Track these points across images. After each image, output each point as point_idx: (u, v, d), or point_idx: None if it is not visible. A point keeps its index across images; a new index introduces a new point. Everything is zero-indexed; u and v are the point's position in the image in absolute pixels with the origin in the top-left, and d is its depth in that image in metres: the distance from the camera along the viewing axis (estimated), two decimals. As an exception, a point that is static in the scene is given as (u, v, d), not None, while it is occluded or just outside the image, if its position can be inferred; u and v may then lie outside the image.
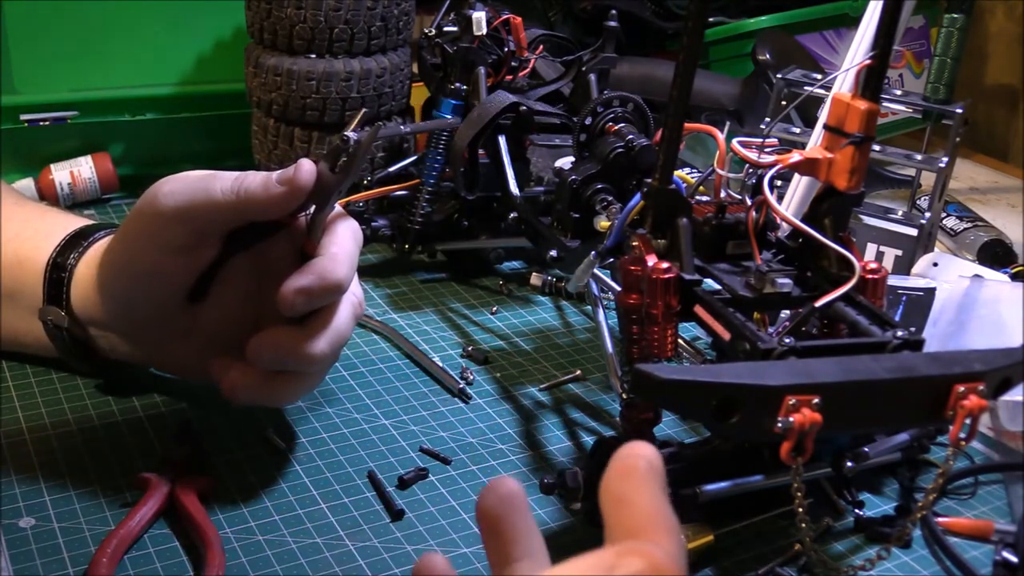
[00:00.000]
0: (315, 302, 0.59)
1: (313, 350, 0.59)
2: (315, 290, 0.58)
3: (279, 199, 0.59)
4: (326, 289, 0.58)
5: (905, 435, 0.66)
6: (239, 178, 0.59)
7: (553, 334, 0.85)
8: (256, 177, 0.59)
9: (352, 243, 0.62)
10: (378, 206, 0.91)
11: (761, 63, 1.06)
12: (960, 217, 1.08)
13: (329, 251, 0.60)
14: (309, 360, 0.59)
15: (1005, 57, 1.44)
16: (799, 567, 0.60)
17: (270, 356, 0.59)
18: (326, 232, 0.61)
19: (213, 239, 0.61)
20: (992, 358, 0.52)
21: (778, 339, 0.54)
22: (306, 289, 0.58)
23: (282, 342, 0.59)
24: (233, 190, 0.59)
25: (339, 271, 0.59)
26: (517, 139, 0.86)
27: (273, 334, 0.59)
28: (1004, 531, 0.62)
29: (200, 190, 0.59)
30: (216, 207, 0.59)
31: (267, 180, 0.59)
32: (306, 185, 0.59)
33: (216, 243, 0.62)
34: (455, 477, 0.66)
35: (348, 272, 0.60)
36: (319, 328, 0.59)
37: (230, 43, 1.12)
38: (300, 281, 0.58)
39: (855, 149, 0.59)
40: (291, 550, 0.58)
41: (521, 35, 0.90)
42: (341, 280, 0.59)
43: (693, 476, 0.59)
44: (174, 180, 0.60)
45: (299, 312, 0.59)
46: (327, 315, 0.60)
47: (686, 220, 0.59)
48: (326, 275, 0.58)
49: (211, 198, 0.59)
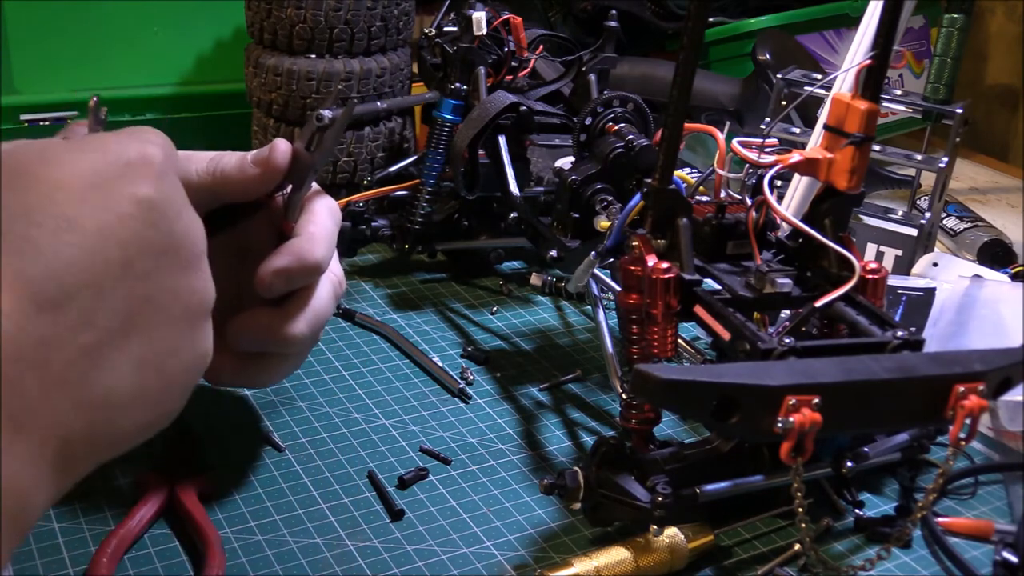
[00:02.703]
0: (293, 283, 0.58)
1: (292, 331, 0.58)
2: (293, 271, 0.57)
3: (255, 180, 0.58)
4: (305, 269, 0.58)
5: (905, 435, 0.66)
6: (214, 159, 0.58)
7: (553, 334, 0.85)
8: (231, 158, 0.58)
9: (330, 221, 0.61)
10: (378, 206, 0.91)
11: (761, 63, 1.06)
12: (960, 217, 1.08)
13: (307, 231, 0.59)
14: (288, 341, 0.58)
15: (1005, 57, 1.44)
16: (799, 567, 0.60)
17: (249, 338, 0.58)
18: (303, 211, 0.60)
19: None
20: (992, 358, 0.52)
21: (778, 339, 0.54)
22: (284, 270, 0.57)
23: (261, 324, 0.58)
24: (208, 171, 0.58)
25: (317, 251, 0.58)
26: (517, 139, 0.86)
27: (252, 316, 0.58)
28: (1004, 531, 0.62)
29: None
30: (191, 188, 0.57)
31: (242, 161, 0.58)
32: (281, 165, 0.58)
33: None
34: (455, 477, 0.66)
35: (326, 252, 0.59)
36: (298, 309, 0.59)
37: (230, 43, 1.12)
38: (277, 262, 0.57)
39: (855, 149, 0.59)
40: (291, 550, 0.58)
41: (521, 35, 0.90)
42: (319, 260, 0.58)
43: (693, 476, 0.59)
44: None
45: (277, 293, 0.58)
46: (306, 296, 0.59)
47: (686, 220, 0.59)
48: (304, 255, 0.57)
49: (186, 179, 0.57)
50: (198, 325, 0.42)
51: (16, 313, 0.34)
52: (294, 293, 0.59)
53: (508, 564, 0.58)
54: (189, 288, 0.41)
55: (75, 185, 0.37)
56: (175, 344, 0.41)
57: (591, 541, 0.60)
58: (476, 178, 0.86)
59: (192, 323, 0.42)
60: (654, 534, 0.57)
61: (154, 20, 1.09)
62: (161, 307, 0.40)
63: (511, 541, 0.60)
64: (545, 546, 0.60)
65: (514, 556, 0.59)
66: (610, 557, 0.56)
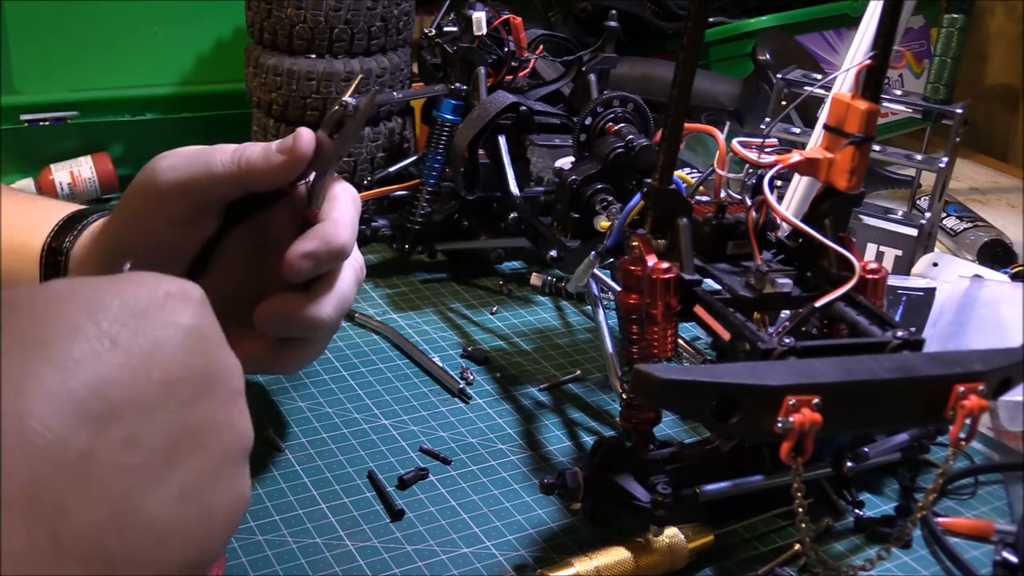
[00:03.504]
0: (321, 267, 0.59)
1: (320, 313, 0.59)
2: (321, 254, 0.58)
3: (280, 168, 0.59)
4: (332, 253, 0.59)
5: (905, 435, 0.66)
6: (238, 150, 0.59)
7: (553, 334, 0.85)
8: (255, 148, 0.59)
9: (352, 208, 0.62)
10: (378, 206, 0.91)
11: (761, 63, 1.06)
12: (960, 217, 1.08)
13: (331, 216, 0.60)
14: (317, 324, 0.59)
15: (1005, 57, 1.44)
16: (799, 567, 0.60)
17: (278, 322, 0.59)
18: (326, 199, 0.62)
19: (214, 211, 0.61)
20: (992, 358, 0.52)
21: (778, 339, 0.54)
22: (312, 253, 0.58)
23: (289, 308, 0.59)
24: (233, 161, 0.59)
25: (342, 235, 0.59)
26: (517, 139, 0.86)
27: (279, 300, 0.60)
28: (1004, 531, 0.62)
29: (200, 163, 0.59)
30: (217, 179, 0.59)
31: (267, 150, 0.59)
32: (306, 153, 0.59)
33: (217, 215, 0.62)
34: (455, 477, 0.66)
35: (351, 236, 0.60)
36: (323, 292, 0.60)
37: (230, 43, 1.12)
38: (306, 246, 0.58)
39: (855, 149, 0.59)
40: (291, 550, 0.58)
41: (521, 35, 0.90)
42: (345, 243, 0.59)
43: (693, 476, 0.59)
44: (173, 155, 0.60)
45: (306, 277, 0.59)
46: (331, 279, 0.61)
47: (686, 220, 0.59)
48: (330, 239, 0.59)
49: (211, 171, 0.59)
50: (238, 464, 0.41)
51: (57, 424, 0.33)
52: (320, 278, 0.60)
53: (508, 564, 0.58)
54: (229, 423, 0.40)
55: (118, 310, 0.37)
56: (216, 479, 0.40)
57: (591, 541, 0.60)
58: (476, 178, 0.86)
59: (232, 460, 0.41)
60: (654, 534, 0.57)
61: (154, 20, 1.09)
62: (202, 438, 0.39)
63: (511, 541, 0.60)
64: (545, 546, 0.60)
65: (514, 556, 0.59)
66: (610, 557, 0.56)
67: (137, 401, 0.36)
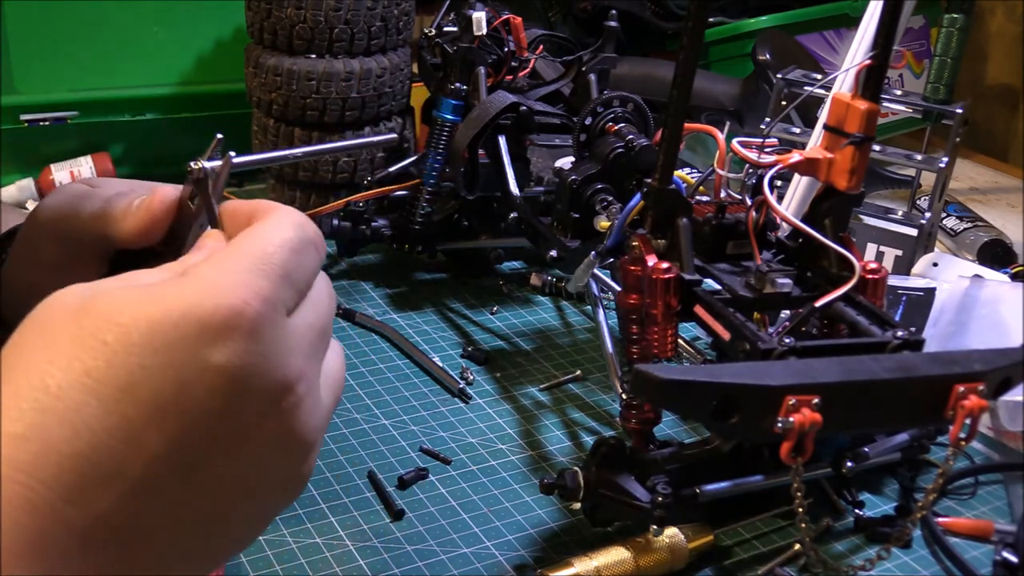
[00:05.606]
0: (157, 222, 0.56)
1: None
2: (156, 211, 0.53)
3: (136, 226, 0.52)
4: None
5: (905, 435, 0.66)
6: (109, 200, 0.53)
7: (553, 334, 0.85)
8: (125, 199, 0.53)
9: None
10: (378, 206, 0.91)
11: (761, 63, 1.06)
12: (960, 217, 1.08)
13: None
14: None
15: (1005, 57, 1.44)
16: (799, 567, 0.60)
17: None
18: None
19: (90, 259, 0.54)
20: (992, 358, 0.52)
21: (778, 339, 0.54)
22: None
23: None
24: (100, 213, 0.52)
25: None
26: (517, 139, 0.86)
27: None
28: (1004, 531, 0.62)
29: (70, 207, 0.53)
30: (83, 227, 0.53)
31: (128, 206, 0.52)
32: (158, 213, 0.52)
33: (97, 264, 0.54)
34: (455, 477, 0.66)
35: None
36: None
37: (230, 43, 1.12)
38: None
39: (855, 149, 0.59)
40: (291, 550, 0.58)
41: (521, 35, 0.90)
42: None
43: (693, 476, 0.59)
44: (59, 191, 0.54)
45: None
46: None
47: (686, 220, 0.59)
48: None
49: (78, 217, 0.53)
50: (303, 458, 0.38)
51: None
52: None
53: (508, 564, 0.58)
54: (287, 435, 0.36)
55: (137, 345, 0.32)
56: (287, 491, 0.38)
57: (591, 541, 0.60)
58: (476, 178, 0.86)
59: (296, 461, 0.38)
60: (654, 534, 0.57)
61: (154, 20, 1.09)
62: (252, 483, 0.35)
63: (511, 541, 0.60)
64: (545, 546, 0.60)
65: (514, 556, 0.59)
66: (610, 557, 0.56)
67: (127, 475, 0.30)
